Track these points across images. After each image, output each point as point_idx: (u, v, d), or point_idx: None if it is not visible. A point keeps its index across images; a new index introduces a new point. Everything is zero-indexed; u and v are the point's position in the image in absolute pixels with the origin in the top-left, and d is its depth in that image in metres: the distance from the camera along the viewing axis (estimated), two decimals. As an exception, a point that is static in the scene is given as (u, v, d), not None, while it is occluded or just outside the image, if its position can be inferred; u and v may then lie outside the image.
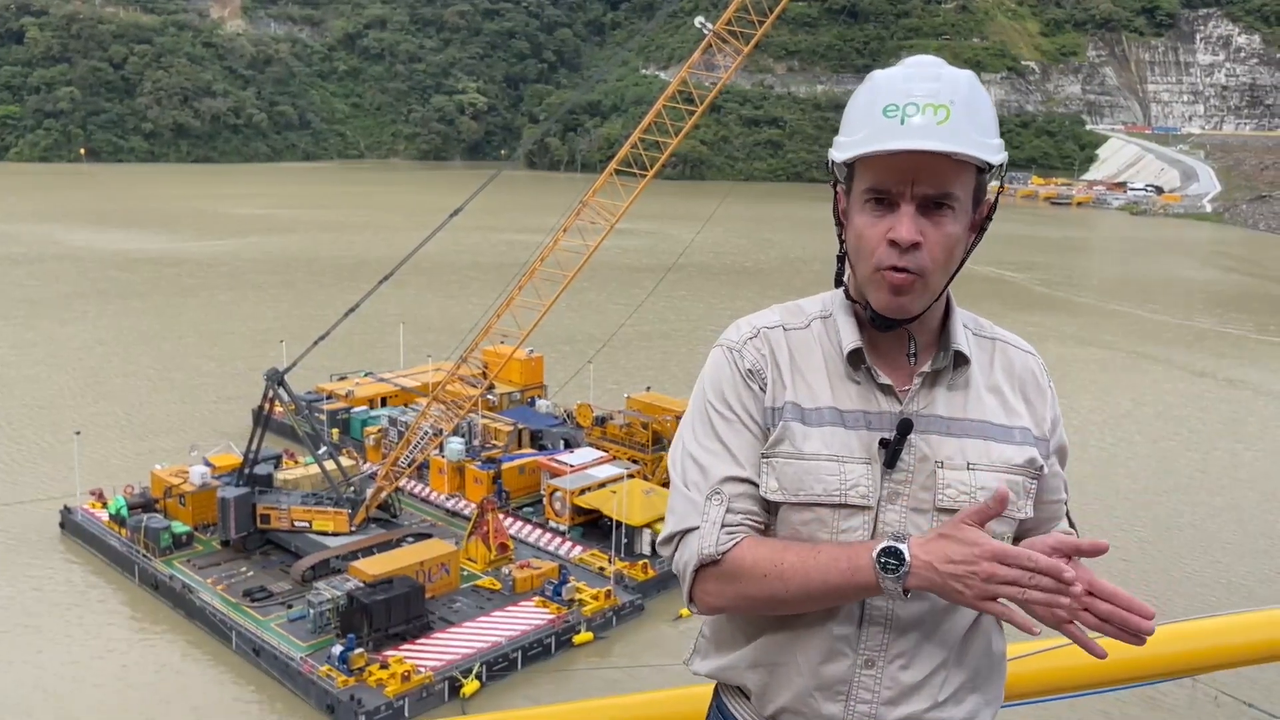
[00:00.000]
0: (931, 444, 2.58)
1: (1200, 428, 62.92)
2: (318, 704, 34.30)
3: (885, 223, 2.50)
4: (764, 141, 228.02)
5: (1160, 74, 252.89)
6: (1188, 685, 29.04)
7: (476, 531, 43.79)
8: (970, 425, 2.63)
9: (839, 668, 2.60)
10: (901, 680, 2.59)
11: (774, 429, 2.61)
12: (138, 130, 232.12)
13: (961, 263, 2.61)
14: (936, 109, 2.44)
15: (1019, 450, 2.64)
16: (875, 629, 2.58)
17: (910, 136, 2.42)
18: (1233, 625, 4.00)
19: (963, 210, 2.54)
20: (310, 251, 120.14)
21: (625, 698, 3.53)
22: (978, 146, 2.45)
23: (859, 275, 2.61)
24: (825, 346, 2.68)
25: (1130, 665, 3.74)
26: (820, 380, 2.63)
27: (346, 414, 60.22)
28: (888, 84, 2.54)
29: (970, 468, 2.58)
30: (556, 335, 70.28)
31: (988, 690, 2.72)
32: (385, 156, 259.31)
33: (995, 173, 2.56)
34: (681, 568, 2.64)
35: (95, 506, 46.87)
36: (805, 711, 2.64)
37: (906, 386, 2.62)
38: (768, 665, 2.68)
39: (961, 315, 2.75)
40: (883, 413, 2.59)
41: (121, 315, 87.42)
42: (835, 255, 2.73)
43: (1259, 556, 45.18)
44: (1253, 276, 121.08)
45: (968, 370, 2.66)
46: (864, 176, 2.55)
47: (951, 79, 2.51)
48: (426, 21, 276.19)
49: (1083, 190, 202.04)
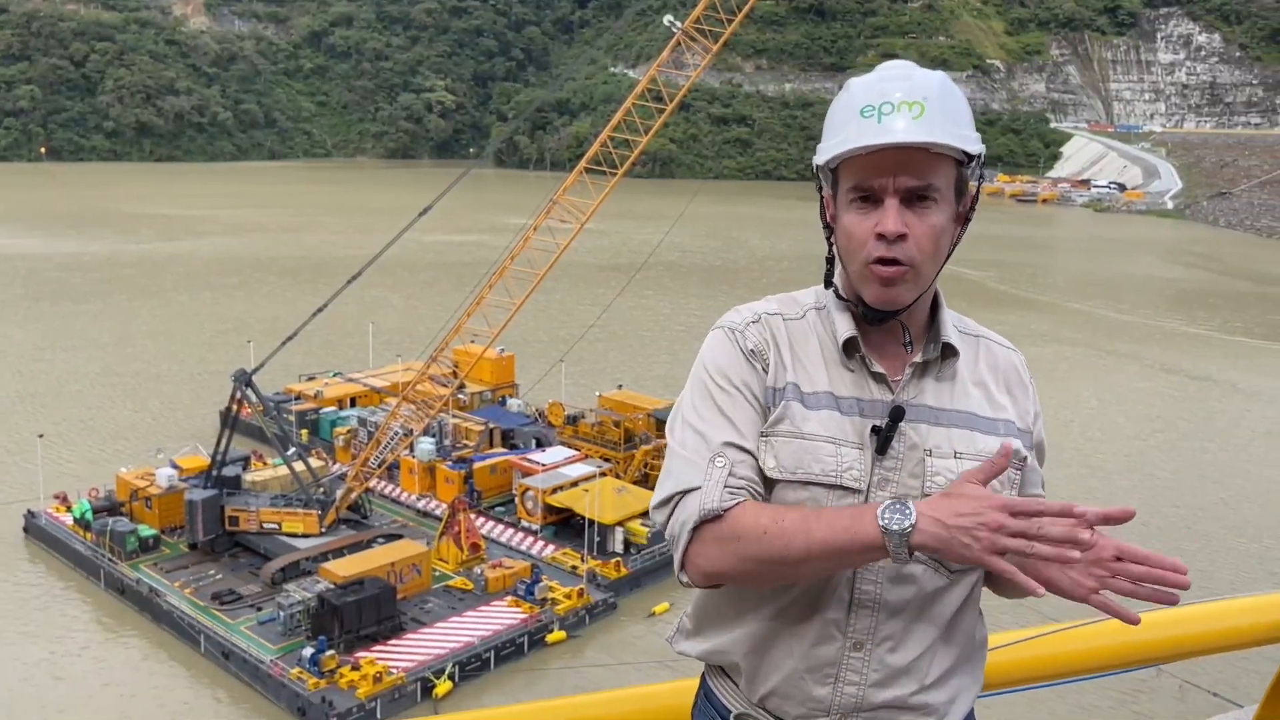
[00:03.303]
0: (920, 432, 2.64)
1: (1172, 424, 63.77)
2: (289, 707, 34.05)
3: (871, 218, 2.58)
4: (733, 140, 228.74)
5: (1122, 72, 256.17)
6: (1152, 674, 29.46)
7: (448, 532, 43.63)
8: (957, 416, 2.69)
9: (828, 650, 2.64)
10: (889, 663, 2.63)
11: (775, 408, 2.66)
12: (100, 129, 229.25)
13: (949, 253, 2.69)
14: (911, 105, 2.52)
15: (1001, 441, 2.67)
16: (864, 612, 2.62)
17: (887, 133, 2.51)
18: (1207, 613, 4.08)
19: (945, 201, 2.61)
20: (275, 251, 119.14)
21: (606, 693, 3.55)
22: (954, 137, 2.54)
23: (850, 272, 2.67)
24: (820, 335, 2.75)
25: (1105, 654, 3.81)
26: (817, 366, 2.70)
27: (315, 414, 59.76)
28: (863, 88, 2.62)
29: (957, 456, 2.64)
30: (527, 334, 70.16)
31: (970, 674, 2.79)
32: (352, 155, 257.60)
33: (974, 165, 2.65)
34: (679, 528, 2.58)
35: (59, 510, 46.22)
36: (793, 694, 2.68)
37: (898, 376, 2.69)
38: (756, 648, 2.72)
39: (950, 313, 2.84)
40: (875, 400, 2.65)
41: (80, 317, 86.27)
42: (824, 258, 2.78)
43: (1233, 547, 45.92)
44: (1215, 273, 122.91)
45: (955, 362, 2.74)
46: (848, 177, 2.63)
47: (924, 78, 2.59)
48: (393, 19, 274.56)
49: (1047, 188, 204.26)
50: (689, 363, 2.84)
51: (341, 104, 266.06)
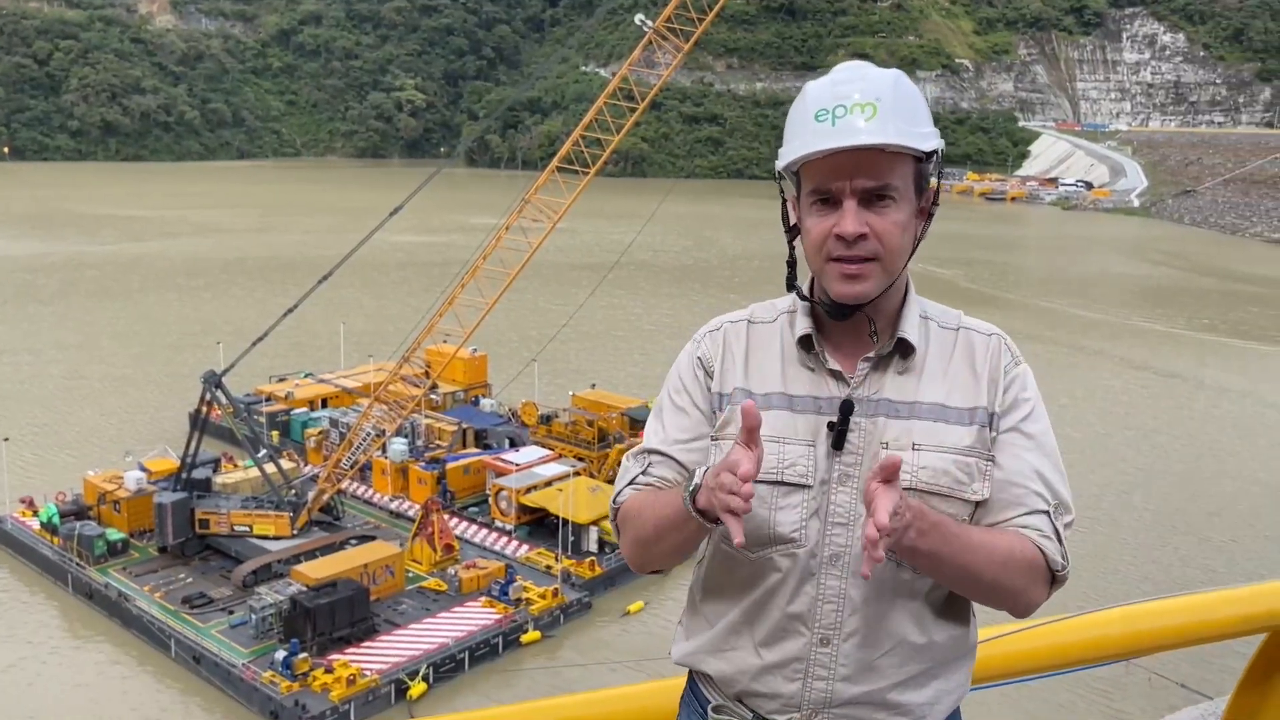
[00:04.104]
0: (879, 425, 2.67)
1: (1141, 421, 64.50)
2: (261, 710, 33.78)
3: (831, 219, 2.62)
4: (704, 139, 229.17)
5: (1089, 72, 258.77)
6: (1121, 669, 29.77)
7: (421, 532, 43.44)
8: (921, 408, 2.68)
9: (794, 646, 2.68)
10: (857, 659, 2.66)
11: (721, 413, 2.80)
12: (64, 128, 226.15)
13: (914, 247, 2.71)
14: (864, 107, 2.55)
15: (969, 431, 2.68)
16: (829, 607, 2.65)
17: (841, 136, 2.54)
18: (1178, 607, 4.14)
19: (905, 198, 2.64)
20: (243, 252, 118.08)
21: (587, 694, 3.55)
22: (907, 136, 2.56)
23: (814, 270, 2.72)
24: (785, 337, 2.82)
25: (1076, 649, 3.85)
26: (774, 368, 2.77)
27: (286, 416, 59.29)
28: (816, 92, 2.65)
29: (916, 448, 2.64)
30: (500, 334, 69.95)
31: (952, 677, 2.78)
32: (322, 154, 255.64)
33: (933, 161, 2.67)
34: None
35: (25, 515, 45.61)
36: (764, 691, 2.73)
37: (854, 372, 2.72)
38: (727, 648, 2.78)
39: (928, 307, 2.83)
40: (832, 398, 2.69)
41: (44, 319, 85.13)
42: (785, 260, 2.82)
43: (1204, 541, 46.52)
44: (1181, 270, 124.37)
45: (915, 356, 2.73)
46: (808, 180, 2.66)
47: (876, 78, 2.61)
48: (363, 18, 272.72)
49: (1016, 186, 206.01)
50: (662, 362, 2.96)
51: (311, 103, 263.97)
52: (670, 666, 3.08)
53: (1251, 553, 45.19)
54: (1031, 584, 2.64)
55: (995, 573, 2.58)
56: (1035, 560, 2.63)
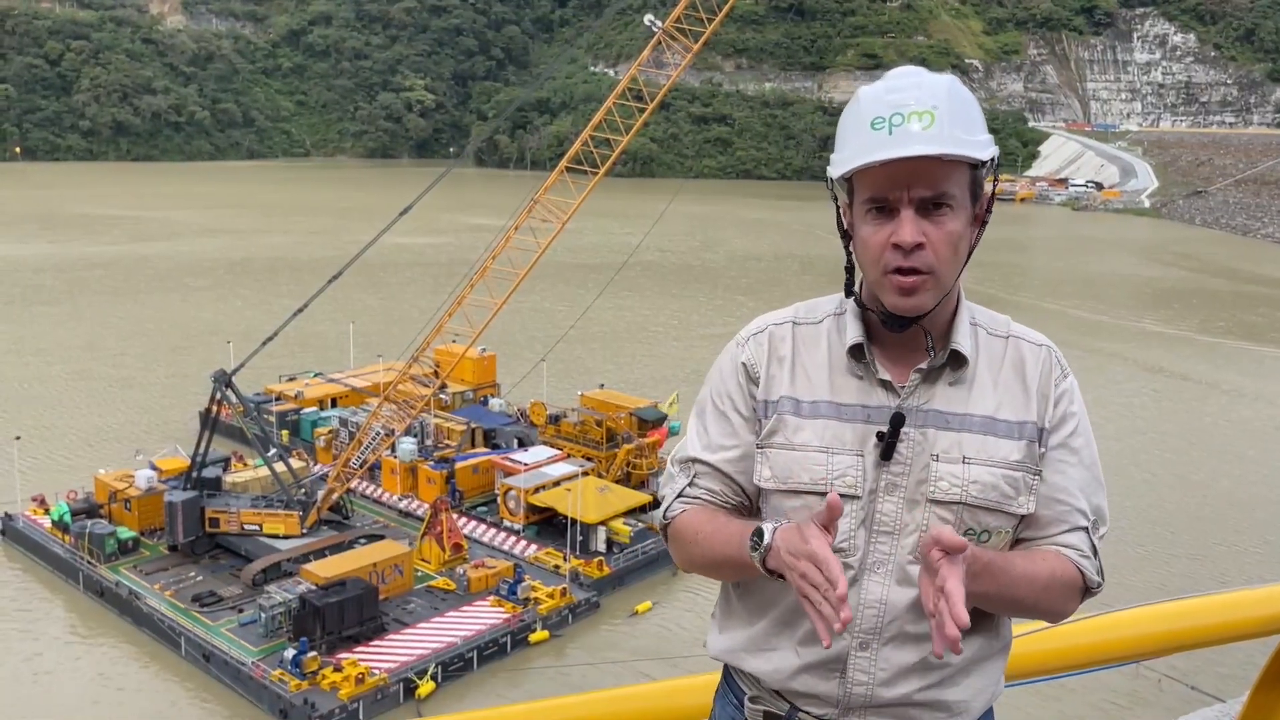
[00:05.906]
0: (929, 437, 2.64)
1: (1154, 424, 64.14)
2: (270, 709, 33.90)
3: (888, 229, 2.58)
4: (713, 139, 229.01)
5: (1099, 72, 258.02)
6: (1131, 670, 29.69)
7: (430, 532, 43.51)
8: (972, 420, 2.67)
9: (834, 649, 2.68)
10: (896, 661, 2.67)
11: (768, 421, 2.75)
12: (75, 128, 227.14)
13: (969, 256, 2.70)
14: (921, 115, 2.50)
15: (1018, 445, 2.67)
16: (870, 612, 2.65)
17: (899, 145, 2.49)
18: (1190, 609, 4.12)
19: (961, 207, 2.61)
20: (251, 252, 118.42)
21: (596, 693, 3.56)
22: (965, 145, 2.52)
23: (869, 281, 2.69)
24: (832, 341, 2.78)
25: (1086, 651, 3.84)
26: (821, 374, 2.74)
27: (296, 415, 59.46)
28: (872, 98, 2.60)
29: (965, 461, 2.63)
30: (508, 334, 69.99)
31: (987, 675, 2.79)
32: (332, 155, 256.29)
33: (989, 167, 2.64)
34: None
35: (37, 513, 45.86)
36: (803, 690, 2.75)
37: (905, 382, 2.69)
38: (766, 648, 2.79)
39: (977, 313, 2.82)
40: (881, 406, 2.66)
41: (53, 319, 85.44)
42: (844, 266, 2.79)
43: (1218, 543, 46.35)
44: (1192, 272, 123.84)
45: (967, 367, 2.71)
46: (862, 188, 2.62)
47: (932, 85, 2.57)
48: (372, 18, 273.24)
49: (1025, 186, 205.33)
50: (670, 362, 2.95)
51: (320, 103, 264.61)
52: (671, 667, 3.09)
53: (1263, 556, 45.01)
54: (1068, 601, 2.71)
55: (1036, 598, 2.64)
56: (1074, 581, 2.69)
